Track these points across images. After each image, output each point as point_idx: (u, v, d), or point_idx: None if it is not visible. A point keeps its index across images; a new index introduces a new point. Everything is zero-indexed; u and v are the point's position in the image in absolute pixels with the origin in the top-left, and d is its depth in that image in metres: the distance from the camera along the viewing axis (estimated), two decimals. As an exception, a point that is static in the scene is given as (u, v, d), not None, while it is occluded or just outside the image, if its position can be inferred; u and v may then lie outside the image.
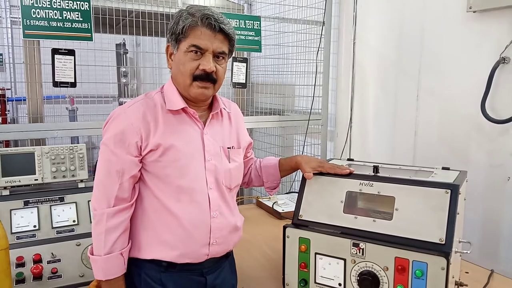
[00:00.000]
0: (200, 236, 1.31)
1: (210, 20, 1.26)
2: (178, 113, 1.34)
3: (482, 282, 1.58)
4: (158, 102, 1.34)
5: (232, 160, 1.42)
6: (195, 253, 1.32)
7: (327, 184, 1.45)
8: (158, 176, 1.30)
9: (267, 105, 3.41)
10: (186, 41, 1.28)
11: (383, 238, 1.29)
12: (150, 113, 1.30)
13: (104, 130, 1.33)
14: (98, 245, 1.28)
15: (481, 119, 1.92)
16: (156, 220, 1.31)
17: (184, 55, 1.29)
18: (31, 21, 2.04)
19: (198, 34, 1.27)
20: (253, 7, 3.74)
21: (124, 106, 1.33)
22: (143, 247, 1.32)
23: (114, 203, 1.27)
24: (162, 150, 1.28)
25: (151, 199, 1.31)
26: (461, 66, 2.09)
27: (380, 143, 2.68)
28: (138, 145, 1.28)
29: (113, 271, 1.28)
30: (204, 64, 1.28)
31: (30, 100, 2.24)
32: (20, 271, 1.59)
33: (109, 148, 1.28)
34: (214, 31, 1.27)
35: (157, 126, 1.29)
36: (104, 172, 1.30)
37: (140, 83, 4.26)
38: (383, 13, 2.60)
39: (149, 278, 1.32)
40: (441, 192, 1.27)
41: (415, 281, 1.21)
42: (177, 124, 1.33)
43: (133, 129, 1.27)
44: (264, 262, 1.78)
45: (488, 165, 1.97)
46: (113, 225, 1.27)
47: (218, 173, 1.36)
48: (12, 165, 1.82)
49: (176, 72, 1.33)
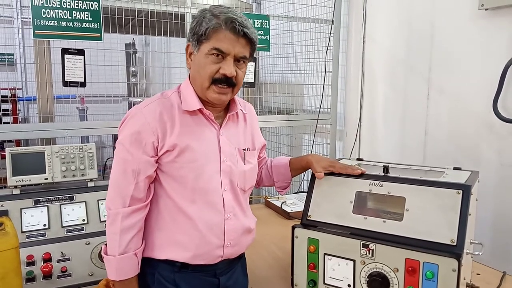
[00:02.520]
0: (214, 238, 1.31)
1: (235, 24, 1.24)
2: (194, 113, 1.33)
3: (494, 284, 1.56)
4: (174, 102, 1.32)
5: (247, 162, 1.41)
6: (209, 254, 1.31)
7: (336, 184, 1.44)
8: (174, 177, 1.29)
9: (276, 104, 3.40)
10: (208, 44, 1.25)
11: (393, 239, 1.27)
12: (166, 113, 1.29)
13: (120, 129, 1.32)
14: (112, 245, 1.27)
15: (492, 118, 1.90)
16: (170, 220, 1.31)
17: (205, 57, 1.27)
18: (41, 21, 2.05)
19: (221, 38, 1.25)
20: (262, 6, 3.73)
21: (140, 106, 1.32)
22: (157, 247, 1.31)
23: (130, 203, 1.27)
24: (178, 150, 1.27)
25: (166, 200, 1.31)
26: (472, 64, 2.07)
27: (390, 143, 2.66)
28: (155, 145, 1.27)
29: (126, 272, 1.27)
30: (225, 69, 1.26)
31: (40, 100, 2.26)
32: (30, 270, 1.60)
33: (125, 148, 1.27)
34: (237, 35, 1.25)
35: (173, 126, 1.28)
36: (120, 172, 1.29)
37: (150, 83, 4.28)
38: (393, 11, 2.58)
39: (162, 278, 1.31)
40: (453, 193, 1.25)
41: (425, 283, 1.20)
42: (193, 125, 1.31)
43: (150, 129, 1.26)
44: (272, 262, 1.77)
45: (499, 164, 1.95)
46: (128, 225, 1.26)
47: (233, 175, 1.35)
48: (22, 165, 1.83)
49: (195, 73, 1.31)
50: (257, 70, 2.76)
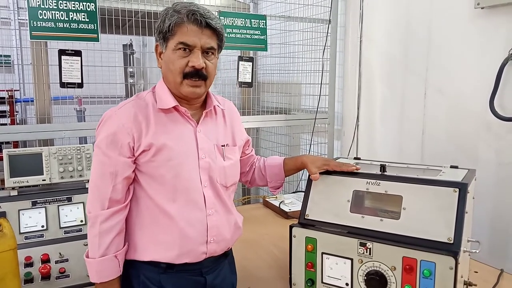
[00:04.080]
0: (196, 234, 1.31)
1: (196, 15, 1.25)
2: (170, 112, 1.33)
3: (492, 281, 1.56)
4: (149, 102, 1.33)
5: (227, 158, 1.40)
6: (193, 252, 1.31)
7: (333, 183, 1.44)
8: (153, 177, 1.29)
9: (273, 104, 3.41)
10: (174, 39, 1.27)
11: (390, 237, 1.27)
12: (141, 113, 1.29)
13: (96, 132, 1.33)
14: (93, 247, 1.27)
15: (489, 117, 1.90)
16: (151, 220, 1.31)
17: (173, 53, 1.28)
18: (38, 23, 2.05)
19: (185, 31, 1.26)
20: (259, 5, 3.74)
21: (115, 108, 1.33)
22: (139, 249, 1.31)
23: (108, 205, 1.27)
24: (154, 150, 1.27)
25: (146, 200, 1.31)
26: (469, 63, 2.07)
27: (388, 142, 2.66)
28: (131, 146, 1.27)
29: (107, 274, 1.27)
30: (193, 61, 1.27)
31: (38, 101, 2.27)
32: (29, 271, 1.60)
33: (102, 150, 1.28)
34: (200, 26, 1.26)
35: (148, 126, 1.28)
36: (98, 175, 1.29)
37: (147, 83, 4.27)
38: (390, 10, 2.58)
39: (147, 280, 1.31)
40: (450, 191, 1.25)
41: (423, 281, 1.20)
42: (169, 123, 1.32)
43: (125, 130, 1.26)
44: (270, 262, 1.78)
45: (497, 163, 1.95)
46: (107, 228, 1.26)
47: (212, 171, 1.35)
48: (20, 166, 1.83)
49: (166, 70, 1.33)
50: (254, 70, 2.76)
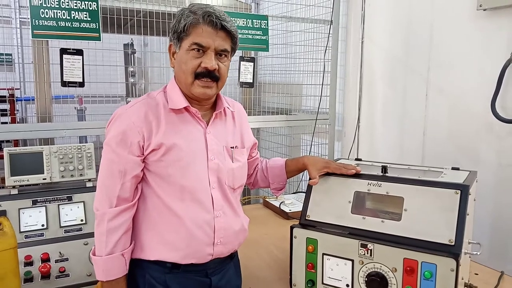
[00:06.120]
0: (203, 235, 1.30)
1: (212, 17, 1.25)
2: (180, 112, 1.33)
3: (492, 283, 1.56)
4: (160, 102, 1.33)
5: (236, 160, 1.41)
6: (199, 253, 1.31)
7: (335, 184, 1.44)
8: (161, 176, 1.29)
9: (274, 104, 3.40)
10: (188, 39, 1.27)
11: (391, 239, 1.27)
12: (152, 113, 1.29)
13: (106, 130, 1.33)
14: (100, 245, 1.27)
15: (490, 118, 1.90)
16: (159, 220, 1.31)
17: (186, 53, 1.28)
18: (40, 21, 2.05)
19: (199, 32, 1.26)
20: (261, 6, 3.73)
21: (126, 106, 1.33)
22: (146, 248, 1.31)
23: (116, 203, 1.27)
24: (164, 149, 1.27)
25: (154, 199, 1.31)
26: (471, 64, 2.07)
27: (389, 143, 2.66)
28: (140, 145, 1.27)
29: (114, 272, 1.27)
30: (206, 62, 1.27)
31: (38, 100, 2.26)
32: (28, 270, 1.60)
33: (111, 148, 1.28)
34: (215, 28, 1.27)
35: (159, 125, 1.29)
36: (107, 172, 1.29)
37: (148, 83, 4.28)
38: (392, 11, 2.58)
39: (153, 280, 1.31)
40: (451, 193, 1.25)
41: (424, 282, 1.20)
42: (179, 124, 1.32)
43: (135, 129, 1.27)
44: (271, 263, 1.77)
45: (498, 164, 1.95)
46: (115, 226, 1.26)
47: (221, 173, 1.35)
48: (20, 165, 1.83)
49: (179, 70, 1.33)
50: (255, 70, 2.76)
